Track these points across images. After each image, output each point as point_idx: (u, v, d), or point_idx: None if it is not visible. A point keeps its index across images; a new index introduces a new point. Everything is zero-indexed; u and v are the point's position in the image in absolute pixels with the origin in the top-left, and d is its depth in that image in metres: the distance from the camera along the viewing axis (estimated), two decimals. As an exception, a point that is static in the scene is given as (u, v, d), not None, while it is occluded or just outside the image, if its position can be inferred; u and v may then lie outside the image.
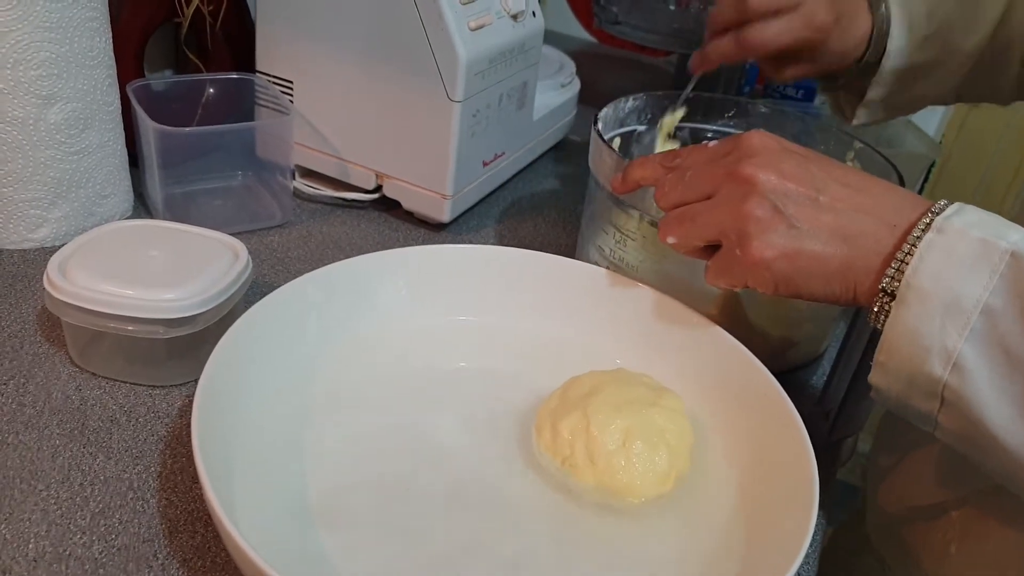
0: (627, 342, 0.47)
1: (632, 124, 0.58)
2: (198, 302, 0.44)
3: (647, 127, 0.59)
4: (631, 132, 0.59)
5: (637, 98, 0.57)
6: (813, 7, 0.53)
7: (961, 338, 0.34)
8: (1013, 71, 0.58)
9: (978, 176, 1.47)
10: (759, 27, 0.54)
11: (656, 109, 0.59)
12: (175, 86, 0.65)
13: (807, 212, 0.38)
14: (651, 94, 0.58)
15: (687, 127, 0.60)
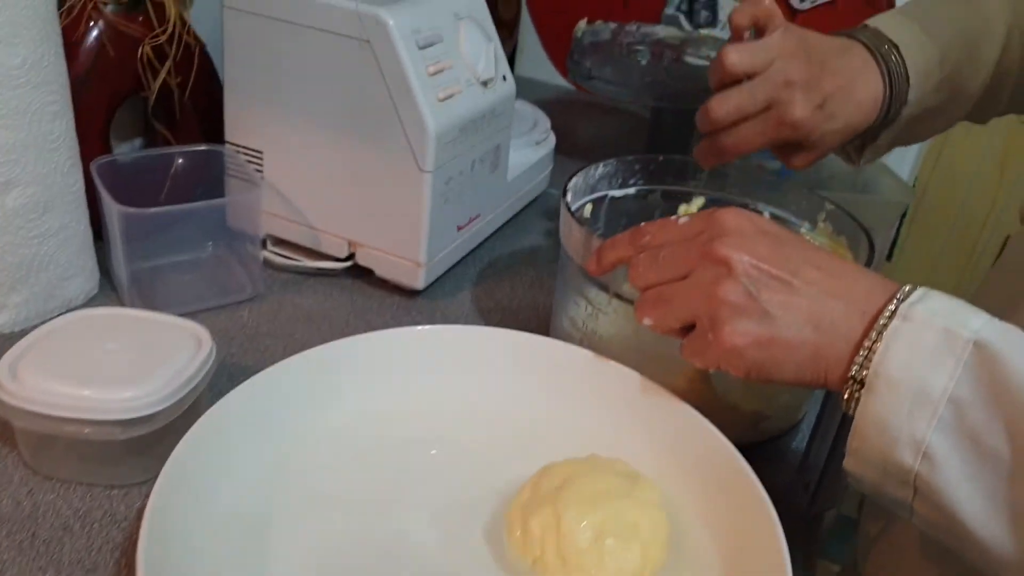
0: (601, 423, 0.46)
1: (603, 190, 0.58)
2: (156, 399, 0.43)
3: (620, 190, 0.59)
4: (602, 197, 0.58)
5: (607, 164, 0.57)
6: (785, 106, 0.53)
7: (930, 428, 0.34)
8: (1002, 105, 0.60)
9: (956, 207, 1.47)
10: (729, 133, 0.55)
11: (627, 173, 0.58)
12: (143, 159, 0.64)
13: (780, 297, 0.38)
14: (621, 159, 0.57)
15: (659, 189, 0.60)
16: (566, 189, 0.52)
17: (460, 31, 0.61)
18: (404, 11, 0.55)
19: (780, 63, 0.53)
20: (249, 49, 0.60)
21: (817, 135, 0.55)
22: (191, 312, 0.60)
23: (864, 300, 0.37)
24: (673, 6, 1.08)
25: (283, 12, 0.57)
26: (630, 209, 0.59)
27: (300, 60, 0.58)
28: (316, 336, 0.59)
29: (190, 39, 0.63)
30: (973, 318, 0.34)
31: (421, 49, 0.56)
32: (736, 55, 0.54)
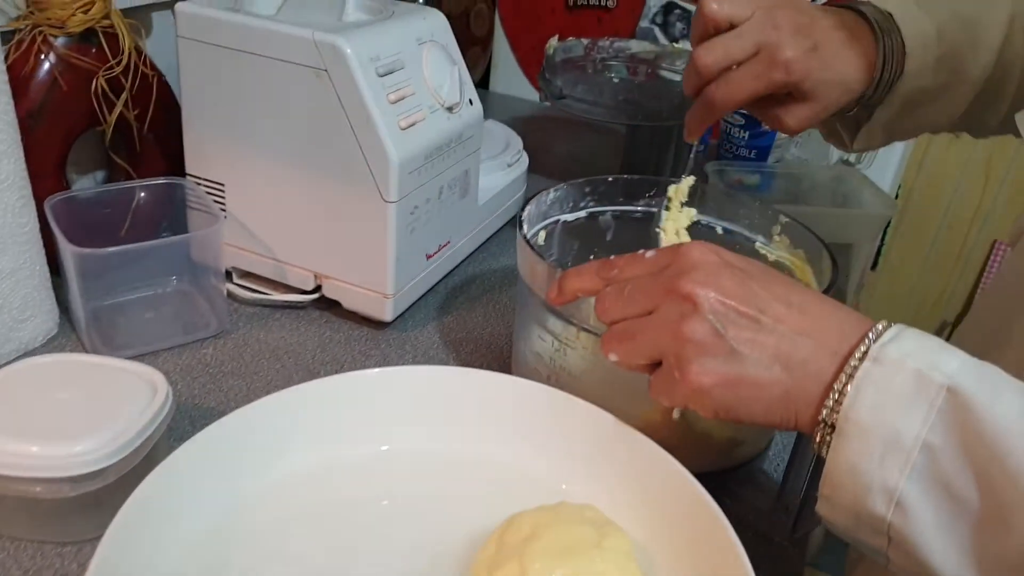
0: (572, 466, 0.44)
1: (555, 215, 0.57)
2: (108, 453, 0.41)
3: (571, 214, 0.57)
4: (555, 222, 0.57)
5: (558, 189, 0.56)
6: (775, 46, 0.50)
7: (902, 476, 0.32)
8: (1004, 104, 0.57)
9: (940, 212, 1.46)
10: (718, 84, 0.52)
11: (577, 197, 0.57)
12: (103, 194, 0.62)
13: (748, 335, 0.36)
14: (571, 183, 0.56)
15: (608, 210, 0.58)
16: (521, 220, 0.51)
17: (423, 56, 0.59)
18: (362, 38, 0.54)
19: (765, 11, 0.51)
20: (205, 80, 0.58)
21: (811, 83, 0.51)
22: (153, 351, 0.58)
23: (835, 339, 0.35)
24: (648, 19, 1.07)
25: (237, 42, 0.55)
26: (582, 232, 0.58)
27: (258, 90, 0.57)
28: (281, 373, 0.57)
29: (147, 69, 0.62)
30: (948, 360, 0.33)
31: (381, 76, 0.55)
32: (716, 2, 0.51)
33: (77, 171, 0.69)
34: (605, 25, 1.11)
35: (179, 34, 0.57)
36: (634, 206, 0.58)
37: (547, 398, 0.45)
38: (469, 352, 0.62)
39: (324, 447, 0.45)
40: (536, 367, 0.51)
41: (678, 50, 0.92)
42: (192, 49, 0.57)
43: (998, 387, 0.32)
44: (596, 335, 0.46)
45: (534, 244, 0.55)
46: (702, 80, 0.52)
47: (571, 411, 0.45)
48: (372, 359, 0.60)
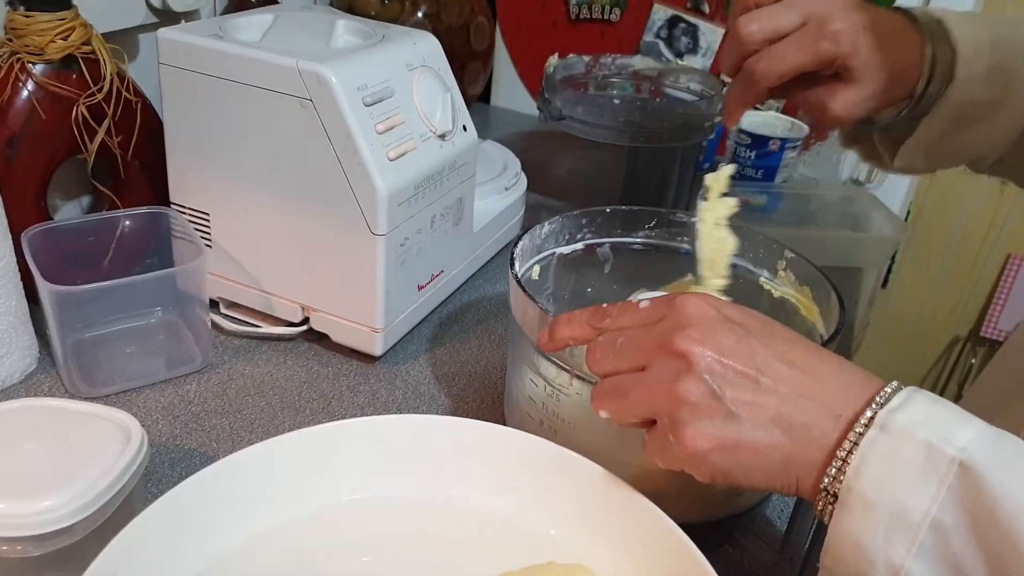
0: (561, 523, 0.42)
1: (550, 248, 0.54)
2: (75, 509, 0.39)
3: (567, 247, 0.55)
4: (550, 255, 0.55)
5: (553, 222, 0.53)
6: (822, 18, 0.47)
7: (909, 554, 0.30)
8: None
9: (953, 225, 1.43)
10: (763, 54, 0.48)
11: (573, 229, 0.55)
12: (84, 224, 0.60)
13: (746, 396, 0.34)
14: (566, 215, 0.54)
15: (607, 242, 0.56)
16: (513, 257, 0.49)
17: (414, 83, 0.57)
18: (348, 66, 0.52)
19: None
20: (188, 107, 0.56)
21: (860, 61, 0.47)
22: (136, 387, 0.57)
23: (839, 401, 0.33)
24: (652, 33, 1.05)
25: (220, 70, 0.54)
26: (578, 265, 0.56)
27: (242, 119, 0.55)
28: (266, 411, 0.55)
29: (130, 95, 0.60)
30: (960, 431, 0.31)
31: (368, 106, 0.52)
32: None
33: (61, 197, 0.67)
34: (608, 39, 1.08)
35: (161, 61, 0.56)
36: (633, 237, 0.56)
37: (537, 450, 0.43)
38: (462, 387, 0.60)
39: (303, 500, 0.43)
40: (528, 411, 0.49)
41: (682, 67, 0.90)
42: (174, 76, 0.56)
43: (1016, 461, 0.30)
44: (590, 383, 0.44)
45: (527, 279, 0.53)
46: (743, 53, 0.48)
47: (561, 464, 0.42)
48: (361, 395, 0.58)
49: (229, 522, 0.41)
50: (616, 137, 0.76)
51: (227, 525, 0.41)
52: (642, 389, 0.36)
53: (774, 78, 0.48)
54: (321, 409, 0.56)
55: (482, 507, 0.43)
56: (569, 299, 0.57)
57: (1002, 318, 1.48)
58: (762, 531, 0.50)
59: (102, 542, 0.36)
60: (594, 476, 0.41)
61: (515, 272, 0.47)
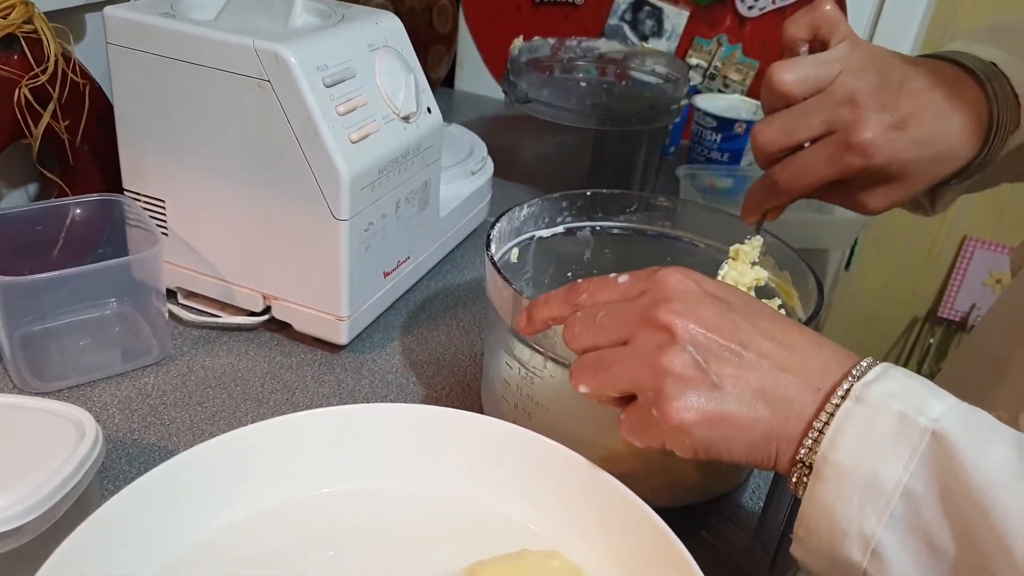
0: (534, 509, 0.41)
1: (529, 231, 0.53)
2: (24, 510, 0.38)
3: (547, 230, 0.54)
4: (529, 239, 0.54)
5: (532, 204, 0.52)
6: (850, 125, 0.42)
7: (880, 523, 0.30)
8: None
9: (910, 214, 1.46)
10: (786, 163, 0.44)
11: (553, 212, 0.54)
12: (31, 212, 0.58)
13: (730, 369, 0.34)
14: (546, 198, 0.53)
15: (587, 226, 0.55)
16: (489, 239, 0.48)
17: (375, 63, 0.56)
18: (307, 46, 0.50)
19: (844, 77, 0.42)
20: (140, 90, 0.54)
21: (899, 165, 0.43)
22: (90, 381, 0.54)
23: (819, 375, 0.33)
24: (616, 16, 1.04)
25: (173, 50, 0.51)
26: (559, 249, 0.55)
27: (197, 102, 0.53)
28: (228, 403, 0.54)
29: (77, 77, 0.57)
30: (934, 403, 0.31)
31: (329, 87, 0.51)
32: (788, 72, 0.42)
33: (5, 185, 0.64)
34: (572, 22, 1.07)
35: (109, 40, 0.53)
36: (614, 221, 0.55)
37: (509, 436, 0.42)
38: (431, 375, 0.59)
39: (269, 493, 0.41)
40: (503, 395, 0.48)
41: (648, 49, 0.89)
42: (124, 57, 0.53)
43: (986, 434, 0.30)
44: (564, 365, 0.43)
45: (506, 263, 0.52)
46: (764, 158, 0.45)
47: (534, 450, 0.42)
48: (326, 385, 0.56)
49: (191, 518, 0.39)
50: (583, 120, 0.75)
51: (189, 521, 0.39)
52: (624, 362, 0.35)
53: (797, 192, 0.45)
54: (285, 400, 0.55)
55: (454, 495, 0.42)
56: (549, 283, 0.57)
57: (958, 299, 1.52)
58: (736, 517, 0.50)
59: (55, 543, 0.35)
60: (568, 462, 0.41)
61: (491, 254, 0.46)
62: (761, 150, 0.45)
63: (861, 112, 0.42)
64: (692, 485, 0.47)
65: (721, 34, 1.02)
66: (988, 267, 1.47)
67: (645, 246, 0.55)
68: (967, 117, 0.43)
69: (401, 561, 0.39)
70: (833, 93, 0.42)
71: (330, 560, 0.39)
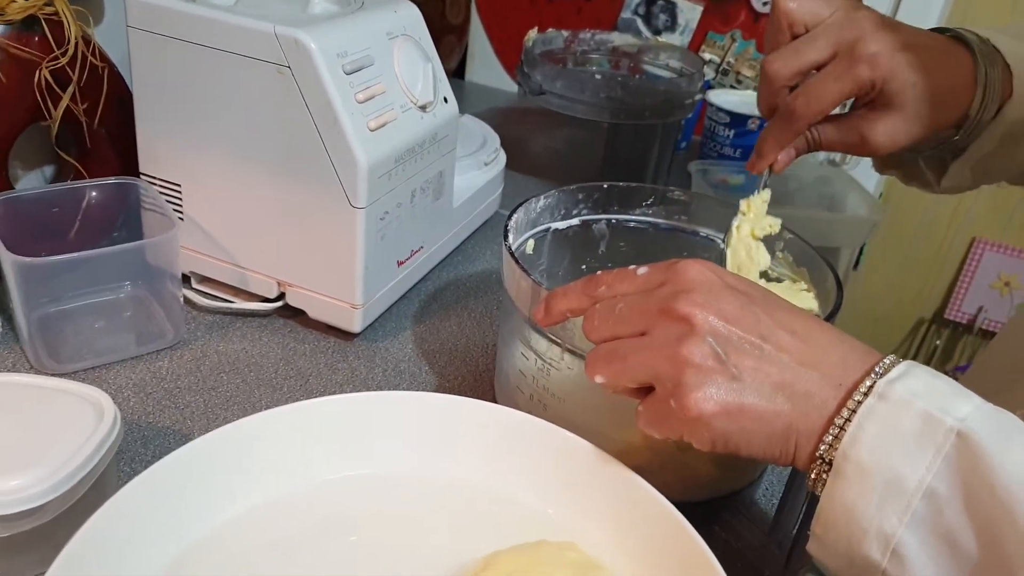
0: (550, 499, 0.42)
1: (545, 222, 0.53)
2: (45, 489, 0.38)
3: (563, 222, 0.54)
4: (545, 230, 0.54)
5: (549, 196, 0.52)
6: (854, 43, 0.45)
7: (901, 523, 0.30)
8: None
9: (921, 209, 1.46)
10: (799, 91, 0.46)
11: (569, 204, 0.54)
12: (48, 194, 0.58)
13: (750, 362, 0.34)
14: (563, 189, 0.53)
15: (603, 219, 0.56)
16: (507, 229, 0.48)
17: (394, 52, 0.56)
18: (328, 33, 0.50)
19: (844, 11, 0.46)
20: (159, 74, 0.54)
21: (899, 84, 0.45)
22: (105, 364, 0.55)
23: (840, 370, 0.33)
24: (630, 10, 1.04)
25: (192, 34, 0.51)
26: (574, 241, 0.55)
27: (216, 87, 0.53)
28: (242, 389, 0.54)
29: (96, 60, 0.58)
30: (959, 403, 0.31)
31: (348, 74, 0.51)
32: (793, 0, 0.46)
33: (22, 167, 0.65)
34: (585, 14, 1.07)
35: (129, 24, 0.53)
36: (630, 215, 0.55)
37: (527, 426, 0.42)
38: (443, 365, 0.59)
39: (286, 479, 0.42)
40: (518, 386, 0.48)
41: (662, 43, 0.89)
42: (144, 41, 0.53)
43: (1013, 436, 0.30)
44: (582, 357, 0.44)
45: (521, 254, 0.52)
46: (774, 92, 0.47)
47: (552, 441, 0.42)
48: (339, 372, 0.57)
49: (211, 501, 0.40)
50: (596, 113, 0.75)
51: (209, 504, 0.39)
52: (643, 352, 0.35)
53: (814, 114, 0.46)
54: (299, 387, 0.55)
55: (471, 484, 0.42)
56: (563, 276, 0.57)
57: (966, 301, 1.52)
58: (750, 513, 0.50)
59: (74, 523, 0.35)
60: (586, 454, 0.41)
61: (508, 244, 0.46)
62: (772, 78, 0.47)
63: (865, 31, 0.45)
64: (706, 480, 0.48)
65: (735, 29, 1.01)
66: (997, 270, 1.47)
67: (660, 240, 0.55)
68: (957, 71, 0.47)
69: (418, 549, 0.40)
70: (836, 21, 0.46)
71: (347, 547, 0.40)
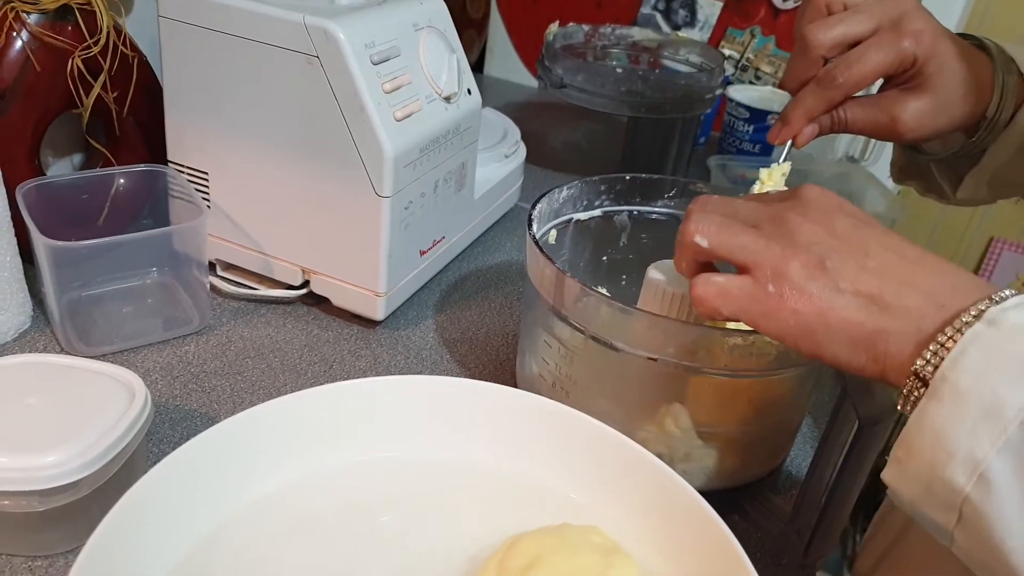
0: (576, 485, 0.42)
1: (568, 213, 0.54)
2: (80, 465, 0.39)
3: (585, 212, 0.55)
4: (567, 221, 0.54)
5: (572, 186, 0.53)
6: (899, 19, 0.46)
7: (993, 447, 0.29)
8: None
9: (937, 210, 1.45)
10: (840, 61, 0.46)
11: (592, 195, 0.54)
12: (78, 181, 0.59)
13: (851, 273, 0.34)
14: (586, 180, 0.54)
15: (624, 210, 0.56)
16: (531, 218, 0.48)
17: (420, 43, 0.56)
18: (356, 23, 0.51)
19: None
20: (189, 63, 0.55)
21: (936, 66, 0.46)
22: (132, 348, 0.56)
23: (947, 293, 0.32)
24: (649, 5, 1.04)
25: (223, 24, 0.52)
26: (595, 232, 0.56)
27: (244, 76, 0.54)
28: (267, 374, 0.55)
29: (127, 50, 0.58)
30: None
31: (376, 64, 0.52)
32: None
33: (53, 154, 0.66)
34: (605, 10, 1.07)
35: (160, 14, 0.54)
36: (652, 207, 0.56)
37: (551, 412, 0.43)
38: (464, 353, 0.60)
39: (317, 459, 0.42)
40: (541, 373, 0.49)
41: (681, 39, 0.89)
42: (174, 30, 0.54)
43: None
44: (605, 344, 0.44)
45: (545, 243, 0.53)
46: (811, 62, 0.47)
47: (576, 426, 0.42)
48: (362, 359, 0.57)
49: (241, 480, 0.40)
50: (617, 107, 0.76)
51: (239, 483, 0.40)
52: (752, 237, 0.36)
53: (854, 83, 0.47)
54: (323, 372, 0.56)
55: (495, 468, 0.43)
56: (584, 267, 0.57)
57: (982, 300, 1.51)
58: (770, 503, 0.50)
59: (106, 500, 0.36)
60: (609, 439, 0.42)
61: (532, 232, 0.47)
62: (812, 46, 0.46)
63: (909, 9, 0.46)
64: (727, 470, 0.48)
65: (754, 26, 1.01)
66: (1015, 269, 1.47)
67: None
68: (982, 70, 0.48)
69: (442, 531, 0.40)
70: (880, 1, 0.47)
71: (373, 528, 0.40)
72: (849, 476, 0.41)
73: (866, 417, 0.38)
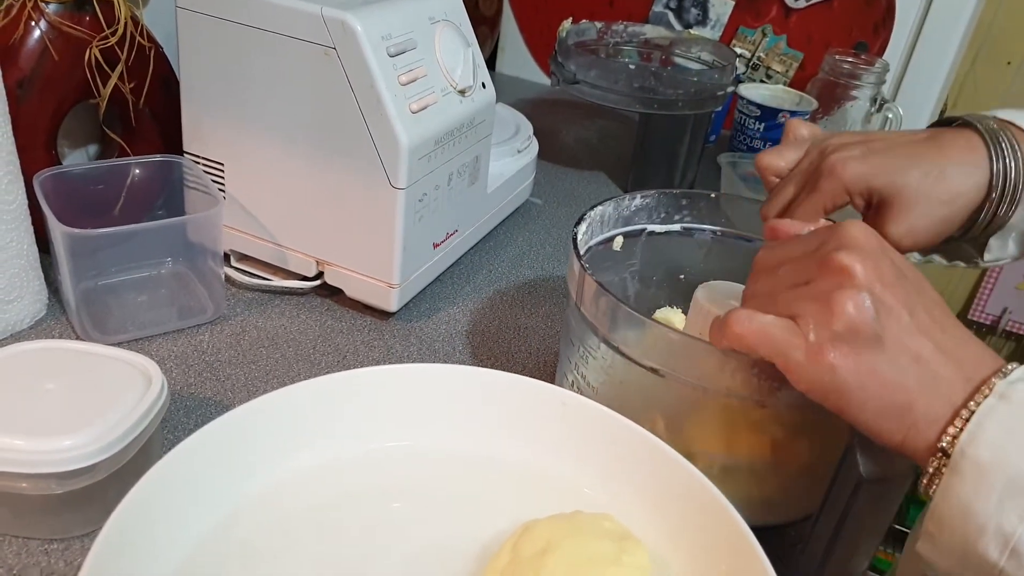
0: (590, 474, 0.42)
1: (642, 222, 0.53)
2: (97, 449, 0.39)
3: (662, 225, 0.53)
4: (640, 231, 0.53)
5: (647, 195, 0.51)
6: (817, 163, 0.45)
7: (1022, 521, 0.30)
8: None
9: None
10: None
11: (671, 208, 0.53)
12: (94, 170, 0.59)
13: (895, 330, 0.33)
14: (664, 192, 0.52)
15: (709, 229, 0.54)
16: (581, 219, 0.47)
17: (435, 36, 0.56)
18: (373, 15, 0.51)
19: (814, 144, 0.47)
20: (205, 54, 0.55)
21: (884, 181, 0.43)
22: (147, 336, 0.56)
23: (972, 366, 0.33)
24: (661, 3, 1.04)
25: (241, 15, 0.53)
26: (673, 248, 0.54)
27: (261, 67, 0.54)
28: (281, 363, 0.55)
29: (144, 40, 0.59)
30: None
31: (392, 57, 0.52)
32: (768, 156, 0.49)
33: (69, 144, 0.66)
34: (617, 8, 1.08)
35: (178, 4, 0.54)
36: (738, 229, 0.54)
37: (567, 403, 0.43)
38: (476, 345, 0.60)
39: (331, 445, 0.43)
40: (564, 372, 0.48)
41: (693, 36, 0.90)
42: (192, 21, 0.54)
43: None
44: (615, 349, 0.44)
45: (607, 250, 0.52)
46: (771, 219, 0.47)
47: (592, 415, 0.43)
48: (376, 350, 0.58)
49: (256, 466, 0.41)
50: (629, 103, 0.76)
51: (256, 468, 0.40)
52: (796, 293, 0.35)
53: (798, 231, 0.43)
54: (336, 363, 0.56)
55: (509, 456, 0.43)
56: (657, 281, 0.56)
57: (990, 302, 1.51)
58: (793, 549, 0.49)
59: (123, 484, 0.36)
60: (626, 432, 0.42)
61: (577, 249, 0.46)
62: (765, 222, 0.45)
63: (829, 149, 0.45)
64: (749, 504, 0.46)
65: (766, 24, 1.01)
66: (1022, 270, 1.46)
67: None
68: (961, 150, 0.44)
69: (455, 517, 0.41)
70: (808, 155, 0.47)
71: (387, 513, 0.41)
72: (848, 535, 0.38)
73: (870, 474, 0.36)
